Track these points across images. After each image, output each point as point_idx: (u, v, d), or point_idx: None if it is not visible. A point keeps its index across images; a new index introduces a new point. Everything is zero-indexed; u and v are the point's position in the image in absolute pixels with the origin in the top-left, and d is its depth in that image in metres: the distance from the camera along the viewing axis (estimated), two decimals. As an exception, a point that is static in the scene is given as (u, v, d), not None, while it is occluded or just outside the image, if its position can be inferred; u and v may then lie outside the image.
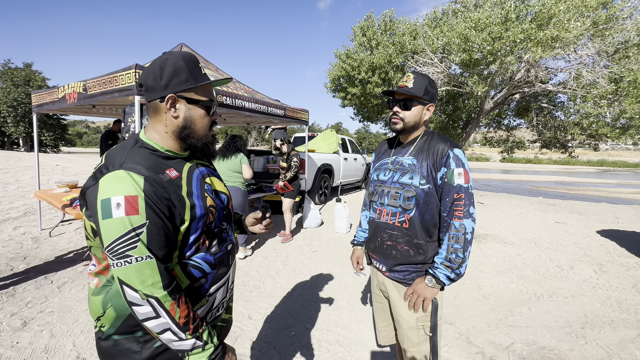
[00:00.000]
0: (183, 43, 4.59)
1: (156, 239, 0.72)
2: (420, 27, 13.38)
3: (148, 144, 0.83)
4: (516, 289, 3.19)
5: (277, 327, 2.37)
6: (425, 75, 1.30)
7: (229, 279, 0.98)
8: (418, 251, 1.26)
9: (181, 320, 0.73)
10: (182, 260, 0.82)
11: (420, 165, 1.25)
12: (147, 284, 0.70)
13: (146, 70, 0.83)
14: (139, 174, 0.73)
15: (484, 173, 32.13)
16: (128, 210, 0.69)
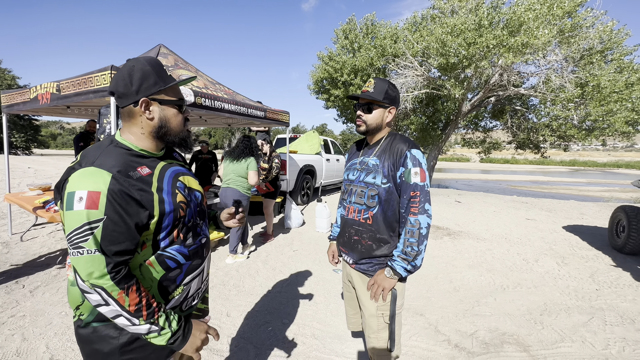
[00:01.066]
0: (161, 44, 4.56)
1: (111, 235, 0.77)
2: (400, 31, 13.77)
3: (123, 144, 0.89)
4: (484, 282, 3.38)
5: (254, 324, 2.43)
6: (386, 80, 1.40)
7: (203, 271, 1.05)
8: (380, 245, 1.36)
9: (132, 308, 0.78)
10: (157, 252, 0.88)
11: (382, 165, 1.34)
12: (93, 276, 0.75)
13: (115, 78, 0.89)
14: (108, 171, 0.79)
15: (464, 173, 33.11)
16: (88, 205, 0.75)
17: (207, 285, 1.13)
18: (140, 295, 0.80)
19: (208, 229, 1.12)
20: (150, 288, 0.88)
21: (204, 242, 1.04)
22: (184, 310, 0.99)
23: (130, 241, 0.81)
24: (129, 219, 0.79)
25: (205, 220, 1.10)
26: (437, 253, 4.26)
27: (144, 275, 0.87)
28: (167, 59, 4.40)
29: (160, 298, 0.90)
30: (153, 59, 0.92)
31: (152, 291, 0.89)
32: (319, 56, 14.76)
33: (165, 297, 0.91)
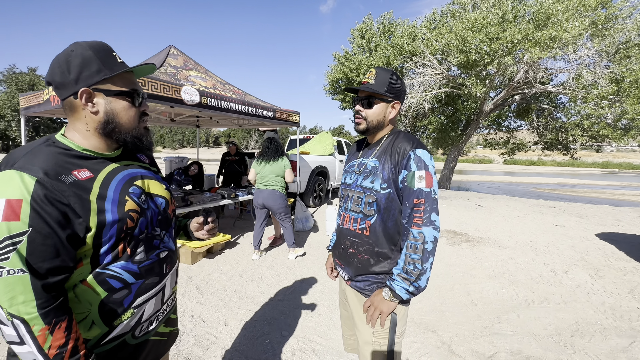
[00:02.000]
0: (172, 45, 4.56)
1: (40, 250, 0.64)
2: (419, 29, 13.39)
3: (61, 143, 0.76)
4: (506, 295, 3.08)
5: (252, 335, 2.29)
6: (389, 70, 1.20)
7: (164, 289, 0.91)
8: (379, 260, 1.17)
9: (51, 352, 0.64)
10: (96, 269, 0.74)
11: (382, 167, 1.16)
12: (15, 302, 0.62)
13: (51, 65, 0.76)
14: (32, 175, 0.65)
15: (486, 175, 31.91)
16: (7, 216, 0.62)
17: (172, 305, 0.99)
18: (68, 336, 0.66)
19: (173, 239, 0.98)
20: (89, 313, 0.74)
21: (164, 257, 0.90)
22: (137, 337, 0.85)
23: (65, 256, 0.67)
24: (60, 230, 0.66)
25: (170, 230, 0.96)
26: (454, 261, 3.97)
27: (79, 297, 0.73)
28: (177, 59, 4.38)
29: (103, 325, 0.76)
30: (99, 43, 0.78)
31: (92, 316, 0.75)
32: (335, 56, 14.61)
33: (109, 323, 0.77)
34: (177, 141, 76.69)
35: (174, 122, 5.63)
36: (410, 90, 12.46)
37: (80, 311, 0.73)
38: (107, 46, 0.79)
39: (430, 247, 1.06)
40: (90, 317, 0.75)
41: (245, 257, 3.92)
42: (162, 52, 4.50)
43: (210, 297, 2.84)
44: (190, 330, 2.33)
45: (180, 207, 3.77)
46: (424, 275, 1.06)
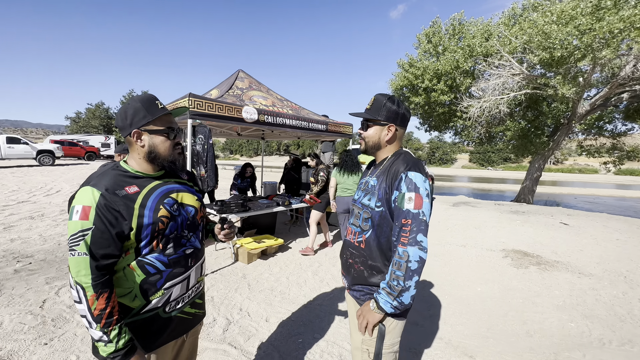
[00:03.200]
0: (240, 69, 5.22)
1: (98, 241, 0.94)
2: (494, 26, 12.28)
3: (122, 167, 1.09)
4: (574, 330, 2.67)
5: (287, 333, 2.50)
6: (386, 95, 1.30)
7: (189, 279, 1.17)
8: (372, 273, 1.26)
9: (95, 312, 0.93)
10: (139, 258, 1.04)
11: (378, 187, 1.25)
12: (79, 274, 0.93)
13: (117, 114, 1.10)
14: (98, 190, 0.97)
15: (589, 188, 26.91)
16: (82, 216, 0.94)
17: (198, 292, 1.24)
18: (107, 304, 0.95)
19: (200, 240, 1.24)
20: (133, 289, 1.03)
21: (190, 253, 1.16)
22: (167, 312, 1.11)
23: (113, 247, 0.97)
24: (111, 229, 0.96)
25: (197, 232, 1.22)
26: (515, 285, 3.57)
27: (127, 277, 1.03)
28: (243, 82, 5.00)
29: (142, 298, 1.05)
30: (146, 96, 1.09)
31: (135, 291, 1.03)
32: (399, 64, 14.35)
33: (146, 297, 1.05)
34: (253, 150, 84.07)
35: (240, 135, 6.36)
36: (482, 94, 11.46)
37: (127, 287, 1.03)
38: (152, 97, 1.10)
39: (415, 266, 1.10)
40: (134, 292, 1.04)
41: (294, 261, 4.20)
42: (232, 76, 5.18)
43: (257, 295, 3.17)
44: (237, 321, 2.66)
45: (240, 212, 4.26)
46: (407, 292, 1.10)
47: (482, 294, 3.35)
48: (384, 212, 1.21)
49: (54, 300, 2.83)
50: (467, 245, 5.20)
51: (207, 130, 3.42)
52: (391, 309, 1.13)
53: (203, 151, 3.45)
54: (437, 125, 15.12)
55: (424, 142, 73.03)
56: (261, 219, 5.17)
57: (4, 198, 7.62)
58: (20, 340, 2.22)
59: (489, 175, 44.78)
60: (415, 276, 1.10)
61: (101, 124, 37.51)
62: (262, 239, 4.56)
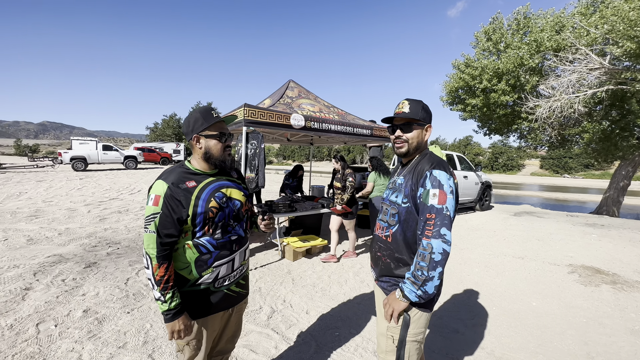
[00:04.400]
0: (291, 79, 5.59)
1: (163, 223, 1.21)
2: (568, 17, 11.04)
3: (185, 166, 1.36)
4: (651, 358, 2.33)
5: (325, 326, 2.65)
6: (419, 101, 1.39)
7: (234, 260, 1.39)
8: (398, 265, 1.34)
9: (157, 278, 1.19)
10: (194, 239, 1.29)
11: (405, 184, 1.34)
12: (149, 247, 1.20)
13: (183, 123, 1.38)
14: (167, 183, 1.24)
15: (700, 201, 22.09)
16: (154, 203, 1.22)
17: (242, 273, 1.45)
18: (166, 272, 1.21)
19: (244, 229, 1.46)
20: (190, 264, 1.28)
21: (235, 239, 1.38)
22: (216, 287, 1.34)
23: (174, 229, 1.23)
24: (173, 214, 1.22)
25: (242, 223, 1.44)
26: (579, 303, 3.21)
27: (185, 253, 1.27)
28: (293, 91, 5.35)
29: (196, 273, 1.29)
30: (204, 107, 1.36)
31: (191, 266, 1.28)
32: (454, 64, 13.68)
33: (200, 273, 1.29)
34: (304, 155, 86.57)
35: (290, 141, 6.75)
36: (552, 93, 10.32)
37: (185, 261, 1.28)
38: (209, 108, 1.36)
39: (438, 257, 1.17)
40: (190, 267, 1.29)
41: (338, 260, 4.33)
42: (283, 86, 5.58)
43: (300, 289, 3.38)
44: (280, 310, 2.89)
45: (287, 213, 4.56)
46: (430, 282, 1.18)
47: (537, 309, 3.09)
48: (410, 207, 1.30)
49: (135, 280, 3.39)
50: (525, 257, 4.78)
51: (260, 137, 3.78)
52: (415, 297, 1.21)
53: (254, 155, 3.81)
54: (498, 128, 13.97)
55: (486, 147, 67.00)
56: (307, 220, 5.43)
57: (100, 195, 9.17)
58: (110, 307, 2.75)
59: (565, 184, 39.47)
60: (438, 267, 1.17)
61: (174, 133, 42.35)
62: (308, 238, 4.80)
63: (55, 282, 3.20)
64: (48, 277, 3.32)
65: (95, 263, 3.81)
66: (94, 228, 5.49)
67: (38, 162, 19.60)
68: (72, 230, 5.25)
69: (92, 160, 18.26)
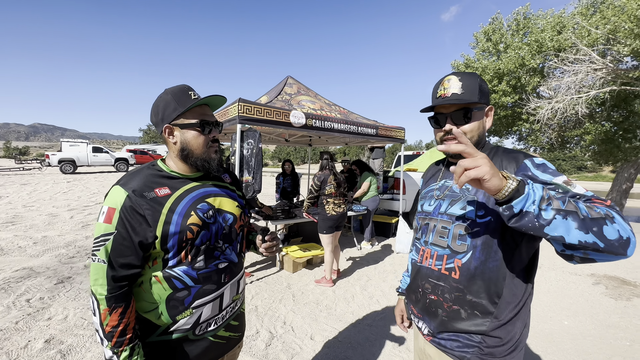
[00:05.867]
0: (289, 75, 5.21)
1: (118, 248, 0.83)
2: (569, 17, 10.89)
3: (158, 166, 0.98)
4: None
5: (334, 356, 2.26)
6: (473, 74, 0.96)
7: (222, 297, 0.99)
8: (473, 314, 0.88)
9: (107, 329, 0.81)
10: (165, 269, 0.90)
11: (475, 188, 0.90)
12: (97, 283, 0.83)
13: (151, 109, 0.99)
14: (126, 190, 0.86)
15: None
16: (106, 219, 0.84)
17: (233, 312, 1.07)
18: (121, 320, 0.82)
19: (237, 252, 1.07)
20: (159, 304, 0.90)
21: (224, 267, 0.99)
22: (197, 335, 0.95)
23: (134, 256, 0.85)
24: (134, 236, 0.84)
25: (235, 244, 1.05)
26: (615, 321, 2.87)
27: (152, 290, 0.89)
28: (292, 87, 4.98)
29: (168, 317, 0.90)
30: (178, 87, 0.96)
31: (161, 308, 0.90)
32: (453, 65, 13.45)
33: (173, 316, 0.91)
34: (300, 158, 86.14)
35: (288, 142, 6.36)
36: (554, 94, 10.11)
37: (152, 301, 0.90)
38: (185, 87, 0.96)
39: (604, 220, 0.65)
40: (160, 309, 0.90)
41: (341, 273, 3.94)
42: (281, 82, 5.20)
43: (302, 308, 2.98)
44: (280, 335, 2.49)
45: (285, 219, 4.17)
46: (560, 215, 0.65)
47: (571, 329, 2.73)
48: (492, 222, 0.86)
49: (113, 298, 2.97)
50: (542, 266, 4.44)
51: (257, 135, 3.39)
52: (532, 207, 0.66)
53: (250, 156, 3.42)
54: (498, 130, 13.77)
55: (480, 150, 67.45)
56: (307, 227, 5.03)
57: (86, 199, 8.66)
58: (79, 336, 2.32)
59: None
60: (600, 224, 0.65)
61: (167, 135, 41.69)
62: (308, 247, 4.40)
63: (18, 303, 2.76)
64: (11, 296, 2.88)
65: (69, 278, 3.37)
66: (74, 236, 5.03)
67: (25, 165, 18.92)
68: (50, 239, 4.78)
69: (82, 163, 17.65)
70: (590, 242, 0.65)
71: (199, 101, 0.94)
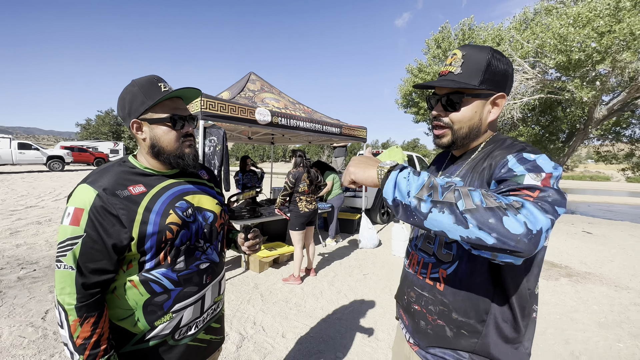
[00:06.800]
0: (252, 72, 5.10)
1: (88, 253, 0.76)
2: (505, 31, 12.15)
3: (130, 163, 0.91)
4: (625, 351, 2.40)
5: (307, 351, 2.29)
6: (486, 48, 0.79)
7: (203, 299, 0.96)
8: (460, 333, 0.78)
9: (78, 341, 0.75)
10: (141, 273, 0.84)
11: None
12: (63, 292, 0.76)
13: (118, 102, 0.91)
14: (95, 189, 0.79)
15: (601, 195, 26.25)
16: (72, 221, 0.77)
17: (214, 315, 1.03)
18: (94, 330, 0.76)
19: (218, 252, 1.03)
20: (135, 311, 0.84)
21: (205, 268, 0.95)
22: (176, 340, 0.91)
23: (107, 261, 0.79)
24: (107, 238, 0.78)
25: (216, 243, 1.02)
26: (549, 299, 3.31)
27: (127, 295, 0.84)
28: (255, 84, 4.87)
29: (145, 323, 0.85)
30: (146, 78, 0.89)
31: (137, 314, 0.84)
32: (408, 69, 14.23)
33: (151, 322, 0.86)
34: (259, 156, 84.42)
35: (251, 139, 6.22)
36: (494, 99, 11.23)
37: (127, 308, 0.84)
38: (154, 78, 0.89)
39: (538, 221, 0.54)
40: (136, 315, 0.84)
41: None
42: (243, 78, 5.06)
43: (272, 307, 2.96)
44: (251, 336, 2.45)
45: (251, 219, 4.09)
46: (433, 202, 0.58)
47: (513, 308, 3.09)
48: None
49: (57, 311, 2.66)
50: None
51: (222, 132, 3.26)
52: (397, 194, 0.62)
53: (213, 154, 3.29)
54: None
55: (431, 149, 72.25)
56: (272, 226, 4.98)
57: (12, 203, 7.57)
58: (18, 357, 2.04)
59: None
60: (494, 214, 0.54)
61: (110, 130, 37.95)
62: (274, 246, 4.36)
63: None
64: None
65: (0, 293, 2.94)
66: (1, 244, 4.38)
67: None
68: (-31, 250, 4.11)
69: (4, 161, 15.31)
70: (472, 238, 0.55)
71: (169, 94, 0.88)
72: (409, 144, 70.06)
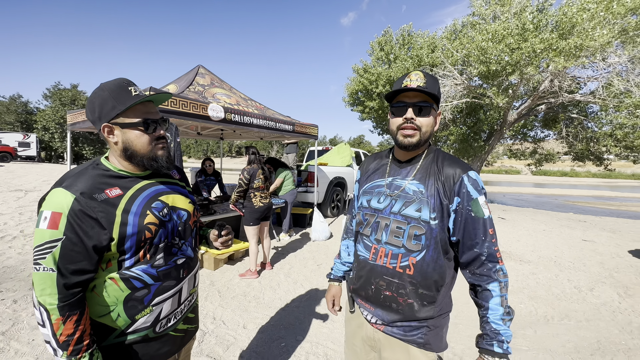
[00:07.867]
0: (200, 65, 4.93)
1: (69, 255, 0.80)
2: (439, 40, 13.42)
3: (103, 165, 0.93)
4: (524, 310, 3.03)
5: (269, 338, 2.42)
6: (435, 77, 1.10)
7: (180, 292, 1.02)
8: (423, 304, 1.00)
9: (61, 338, 0.79)
10: (121, 270, 0.89)
11: (428, 193, 1.00)
12: (44, 293, 0.79)
13: (86, 105, 0.94)
14: (72, 193, 0.82)
15: (514, 187, 30.66)
16: (50, 225, 0.79)
17: (190, 305, 1.10)
18: (76, 327, 0.81)
19: (193, 247, 1.11)
20: (116, 306, 0.89)
21: (182, 263, 1.02)
22: (157, 332, 0.97)
23: (87, 261, 0.82)
24: (87, 240, 0.81)
25: (190, 240, 1.09)
26: (472, 275, 3.93)
27: (108, 292, 0.88)
28: (205, 78, 4.73)
29: (126, 318, 0.91)
30: (117, 82, 0.91)
31: (118, 310, 0.89)
32: (354, 69, 14.86)
33: (132, 317, 0.91)
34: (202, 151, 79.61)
35: (200, 135, 6.01)
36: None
37: (106, 304, 0.88)
38: (124, 82, 0.91)
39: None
40: (117, 311, 0.89)
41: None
42: (191, 71, 4.87)
43: (230, 302, 3.01)
44: (212, 331, 2.49)
45: (205, 216, 4.02)
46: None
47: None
48: (442, 224, 0.98)
49: (19, 325, 2.36)
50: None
51: (174, 128, 3.16)
52: (507, 344, 0.91)
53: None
54: (387, 129, 15.95)
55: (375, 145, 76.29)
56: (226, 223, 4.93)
57: None
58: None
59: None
60: None
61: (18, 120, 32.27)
62: (228, 243, 4.34)
63: None
64: None
65: None
66: None
67: None
68: None
69: None
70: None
71: (141, 99, 0.90)
72: (354, 140, 73.06)
